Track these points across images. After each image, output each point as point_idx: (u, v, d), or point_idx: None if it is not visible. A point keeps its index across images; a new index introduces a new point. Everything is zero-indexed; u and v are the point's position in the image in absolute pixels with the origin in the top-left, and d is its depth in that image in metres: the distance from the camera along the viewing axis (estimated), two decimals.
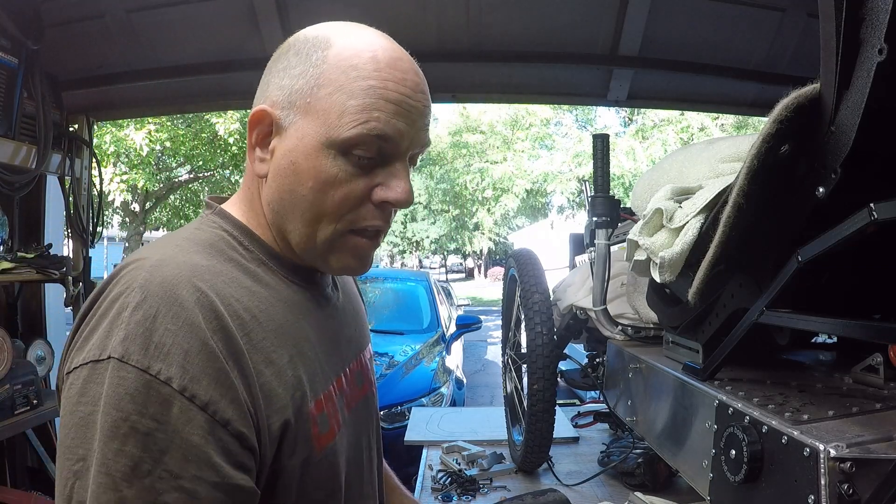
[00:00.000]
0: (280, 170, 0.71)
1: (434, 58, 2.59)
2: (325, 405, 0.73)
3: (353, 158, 0.69)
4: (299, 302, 0.75)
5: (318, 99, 0.69)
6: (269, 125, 0.71)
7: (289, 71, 0.71)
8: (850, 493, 0.69)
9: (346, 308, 0.89)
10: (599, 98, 2.89)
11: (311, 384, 0.70)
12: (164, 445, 0.55)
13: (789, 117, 0.80)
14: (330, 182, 0.70)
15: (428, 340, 5.03)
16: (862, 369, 1.03)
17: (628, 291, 1.70)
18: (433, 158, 23.82)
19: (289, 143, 0.70)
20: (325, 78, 0.69)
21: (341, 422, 0.76)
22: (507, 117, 20.35)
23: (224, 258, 0.70)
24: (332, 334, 0.81)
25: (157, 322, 0.58)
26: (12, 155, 2.24)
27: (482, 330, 7.03)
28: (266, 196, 0.74)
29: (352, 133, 0.68)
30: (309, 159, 0.69)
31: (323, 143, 0.69)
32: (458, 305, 10.36)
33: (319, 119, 0.69)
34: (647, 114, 15.33)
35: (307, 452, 0.68)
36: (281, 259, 0.75)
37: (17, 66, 2.19)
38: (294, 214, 0.72)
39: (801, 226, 0.86)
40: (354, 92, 0.68)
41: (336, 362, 0.80)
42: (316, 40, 0.71)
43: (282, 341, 0.68)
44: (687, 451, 1.10)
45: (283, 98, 0.70)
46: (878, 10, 0.68)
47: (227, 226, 0.74)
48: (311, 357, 0.72)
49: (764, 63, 2.56)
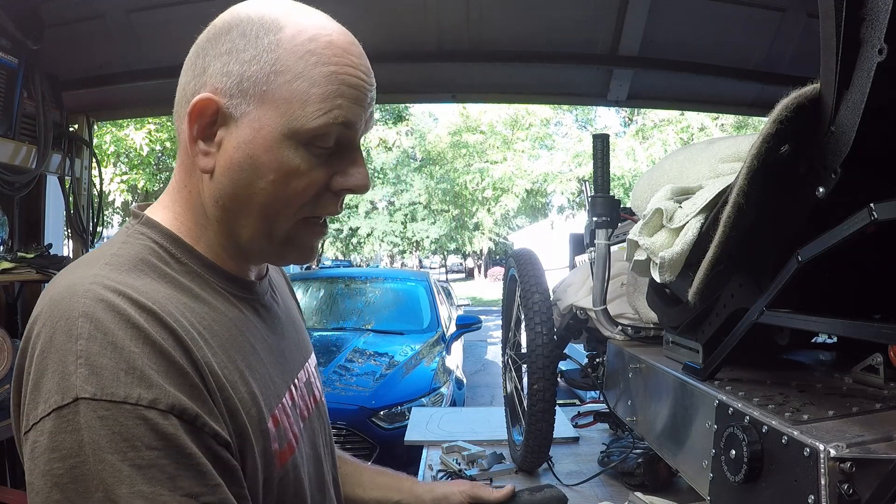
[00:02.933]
0: (233, 164, 0.66)
1: (434, 58, 2.59)
2: (280, 419, 0.70)
3: (313, 148, 0.67)
4: (240, 315, 0.71)
5: (276, 87, 0.64)
6: (213, 115, 0.65)
7: (236, 55, 0.65)
8: (850, 493, 0.69)
9: (286, 316, 0.85)
10: (599, 98, 2.90)
11: (265, 399, 0.67)
12: (172, 471, 0.52)
13: (789, 117, 0.80)
14: (291, 174, 0.66)
15: (428, 340, 5.03)
16: (862, 369, 1.03)
17: (628, 291, 1.70)
18: (433, 158, 23.82)
19: (243, 135, 0.65)
20: (282, 64, 0.64)
21: (298, 434, 0.74)
22: (507, 117, 20.35)
23: (157, 274, 0.64)
24: (277, 345, 0.77)
25: (119, 347, 0.53)
26: (12, 155, 2.24)
27: (482, 330, 7.03)
28: (213, 193, 0.68)
29: (317, 123, 0.65)
30: (268, 152, 0.65)
31: (284, 135, 0.65)
32: (458, 305, 10.36)
33: (279, 109, 0.64)
34: (647, 114, 15.34)
35: (268, 471, 0.65)
36: (217, 269, 0.70)
37: (17, 66, 2.19)
38: (250, 210, 0.67)
39: (801, 226, 0.86)
40: (316, 79, 0.64)
41: (285, 373, 0.76)
42: (263, 21, 0.65)
43: (230, 357, 0.64)
44: (687, 451, 1.10)
45: (230, 85, 0.65)
46: (878, 10, 0.68)
47: (156, 236, 0.68)
48: (261, 371, 0.69)
49: (764, 63, 2.57)
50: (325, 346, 4.59)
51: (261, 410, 0.65)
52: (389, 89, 2.94)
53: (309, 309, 5.58)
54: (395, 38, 2.52)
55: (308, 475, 0.75)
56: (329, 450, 0.87)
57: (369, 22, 2.39)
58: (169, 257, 0.67)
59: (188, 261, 0.68)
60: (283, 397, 0.73)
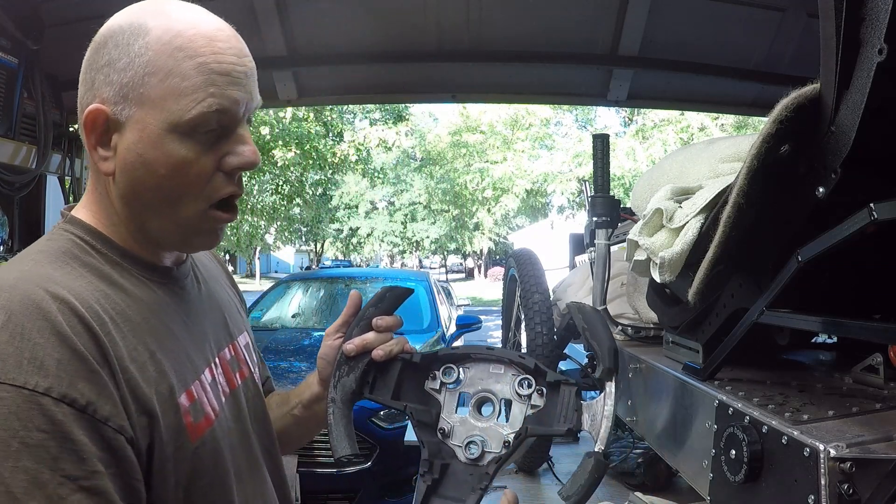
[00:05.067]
0: (128, 164, 0.71)
1: (434, 58, 2.59)
2: (196, 394, 0.74)
3: (197, 136, 0.71)
4: (158, 299, 0.76)
5: (151, 87, 0.69)
6: (104, 123, 0.71)
7: (113, 65, 0.70)
8: (850, 493, 0.69)
9: (211, 297, 0.90)
10: (599, 98, 2.89)
11: (179, 376, 0.72)
12: (56, 453, 0.57)
13: (789, 117, 0.80)
14: (181, 165, 0.71)
15: (428, 340, 5.02)
16: (862, 369, 1.03)
17: (628, 291, 1.70)
18: (433, 158, 23.83)
19: (131, 137, 0.71)
20: (153, 65, 0.69)
21: (218, 408, 0.78)
22: (507, 117, 20.36)
23: (79, 263, 0.70)
24: (196, 325, 0.82)
25: (25, 338, 0.59)
26: (12, 155, 2.25)
27: (482, 330, 7.01)
28: (117, 193, 0.74)
29: (193, 114, 0.69)
30: (156, 148, 0.70)
31: (166, 130, 0.70)
32: (458, 305, 10.36)
33: (157, 107, 0.69)
34: (647, 114, 15.35)
35: (180, 442, 0.70)
36: (133, 257, 0.76)
37: (17, 66, 2.19)
38: (152, 205, 0.73)
39: (801, 226, 0.86)
40: (186, 73, 0.69)
41: (205, 352, 0.81)
42: (132, 28, 0.71)
43: (140, 339, 0.69)
44: (687, 451, 1.10)
45: (113, 94, 0.70)
46: (878, 10, 0.68)
47: (78, 231, 0.74)
48: (176, 350, 0.74)
49: (764, 63, 2.57)
50: None
51: (172, 387, 0.70)
52: (389, 89, 2.94)
53: (309, 309, 5.57)
54: (395, 38, 2.52)
55: (231, 447, 0.79)
56: (261, 424, 0.91)
57: (369, 22, 2.38)
58: (90, 248, 0.73)
59: (107, 251, 0.74)
60: (202, 374, 0.78)
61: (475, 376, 0.91)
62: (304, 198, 17.43)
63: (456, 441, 0.87)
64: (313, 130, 11.72)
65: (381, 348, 0.92)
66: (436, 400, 0.91)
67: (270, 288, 6.22)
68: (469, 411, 0.89)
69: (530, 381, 0.87)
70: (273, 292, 5.92)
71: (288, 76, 2.64)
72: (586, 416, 0.86)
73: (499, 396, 0.89)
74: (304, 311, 5.51)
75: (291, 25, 2.45)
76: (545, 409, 0.87)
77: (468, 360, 0.92)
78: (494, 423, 0.87)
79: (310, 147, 11.64)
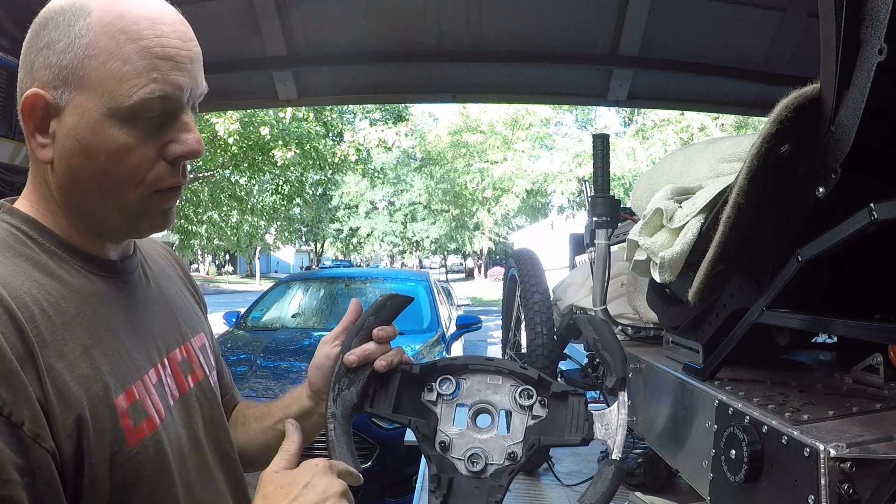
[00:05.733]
0: (66, 151, 0.68)
1: (434, 58, 2.59)
2: (137, 395, 0.70)
3: (139, 122, 0.68)
4: (97, 292, 0.72)
5: (92, 70, 0.66)
6: (43, 108, 0.68)
7: (52, 47, 0.67)
8: (850, 493, 0.69)
9: (161, 295, 0.85)
10: (599, 98, 2.89)
11: (117, 375, 0.68)
12: None
13: (789, 117, 0.80)
14: (122, 151, 0.68)
15: (428, 340, 5.02)
16: (862, 369, 1.03)
17: (628, 291, 1.70)
18: (433, 158, 23.83)
19: (70, 122, 0.67)
20: (95, 47, 0.66)
21: (164, 411, 0.73)
22: (507, 117, 20.37)
23: (13, 253, 0.67)
24: (142, 322, 0.77)
25: None
26: (12, 155, 2.25)
27: (482, 330, 7.02)
28: (56, 181, 0.70)
29: (134, 100, 0.66)
30: (95, 134, 0.67)
31: (106, 115, 0.67)
32: (458, 305, 10.36)
33: (97, 91, 0.66)
34: (647, 114, 15.35)
35: (116, 446, 0.65)
36: (74, 249, 0.72)
37: (17, 66, 2.19)
38: (92, 192, 0.70)
39: (800, 226, 0.86)
40: (128, 56, 0.66)
41: (150, 350, 0.76)
42: (73, 9, 0.67)
43: (74, 334, 0.65)
44: (687, 451, 1.10)
45: (52, 77, 0.67)
46: (878, 10, 0.68)
47: (15, 221, 0.71)
48: (115, 347, 0.70)
49: (764, 63, 2.56)
50: None
51: (107, 386, 0.66)
52: (389, 89, 2.93)
53: (309, 309, 5.58)
54: (395, 38, 2.52)
55: (177, 453, 0.74)
56: (215, 429, 0.86)
57: (369, 22, 2.38)
58: (27, 238, 0.70)
59: (45, 241, 0.70)
60: (146, 373, 0.73)
61: (472, 387, 0.89)
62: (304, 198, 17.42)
63: (456, 454, 0.86)
64: (313, 130, 11.72)
65: (382, 359, 0.88)
66: (433, 412, 0.89)
67: (270, 288, 6.22)
68: (466, 422, 0.87)
69: (531, 392, 0.87)
70: (273, 292, 5.92)
71: (288, 76, 2.64)
72: (598, 426, 0.85)
73: (497, 407, 0.87)
74: (304, 312, 5.51)
75: (291, 25, 2.45)
76: (549, 419, 0.87)
77: (465, 371, 0.90)
78: (495, 435, 0.86)
79: (310, 147, 11.64)
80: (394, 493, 3.53)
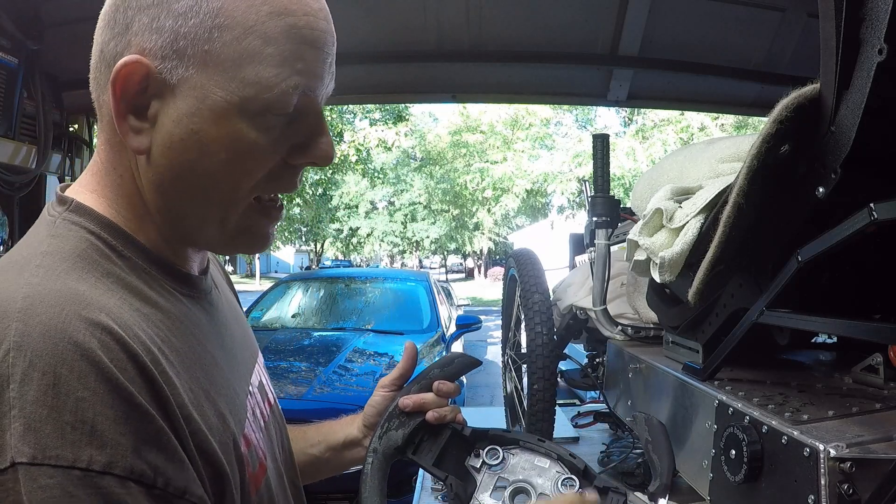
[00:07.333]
0: (175, 141, 0.54)
1: (434, 58, 2.59)
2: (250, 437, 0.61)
3: (269, 118, 0.55)
4: (191, 317, 0.59)
5: (223, 45, 0.52)
6: (142, 82, 0.52)
7: (166, 6, 0.52)
8: (850, 493, 0.69)
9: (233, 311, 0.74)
10: (599, 98, 2.89)
11: (235, 417, 0.58)
12: None
13: (789, 117, 0.80)
14: (249, 151, 0.55)
15: (428, 340, 5.02)
16: (862, 369, 1.03)
17: (628, 291, 1.70)
18: (433, 158, 23.83)
19: (185, 106, 0.53)
20: (227, 15, 0.52)
21: (265, 449, 0.65)
22: (507, 117, 20.37)
23: (101, 273, 0.52)
24: (228, 346, 0.65)
25: (61, 392, 0.42)
26: (12, 155, 2.25)
27: (482, 330, 7.03)
28: (151, 177, 0.55)
29: (275, 92, 0.54)
30: (219, 125, 0.53)
31: (237, 105, 0.53)
32: (458, 305, 10.36)
33: (227, 73, 0.52)
34: (647, 114, 15.36)
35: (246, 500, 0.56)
36: (163, 264, 0.58)
37: (17, 66, 2.19)
38: (198, 194, 0.56)
39: (800, 226, 0.86)
40: (271, 35, 0.52)
41: (242, 380, 0.66)
42: None
43: (192, 375, 0.53)
44: (687, 451, 1.10)
45: (163, 44, 0.52)
46: (878, 10, 0.68)
47: (94, 226, 0.55)
48: (223, 384, 0.58)
49: (764, 63, 2.56)
50: (325, 346, 4.59)
51: (233, 434, 0.56)
52: (389, 89, 2.94)
53: (309, 309, 5.58)
54: (395, 38, 2.52)
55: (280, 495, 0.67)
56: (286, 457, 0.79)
57: (369, 22, 2.39)
58: (110, 251, 0.54)
59: (132, 254, 0.56)
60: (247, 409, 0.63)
61: (518, 464, 0.88)
62: (304, 198, 17.41)
63: None
64: None
65: (436, 411, 0.84)
66: (473, 478, 0.88)
67: (270, 288, 6.22)
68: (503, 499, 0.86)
69: (574, 482, 0.85)
70: (273, 292, 5.93)
71: None
72: None
73: (538, 490, 0.86)
74: (304, 312, 5.51)
75: None
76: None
77: (515, 446, 0.89)
78: None
79: None
80: (394, 493, 3.53)
